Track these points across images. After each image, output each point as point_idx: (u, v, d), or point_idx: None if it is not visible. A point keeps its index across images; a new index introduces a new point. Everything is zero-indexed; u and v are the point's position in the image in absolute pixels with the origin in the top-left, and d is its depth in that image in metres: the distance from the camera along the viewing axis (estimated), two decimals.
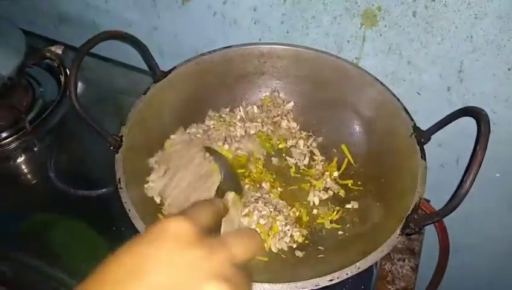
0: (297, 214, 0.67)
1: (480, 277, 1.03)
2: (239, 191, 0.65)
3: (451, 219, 0.59)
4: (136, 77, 0.95)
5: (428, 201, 0.79)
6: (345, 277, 0.48)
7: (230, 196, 0.62)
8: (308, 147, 0.75)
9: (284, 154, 0.75)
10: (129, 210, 0.53)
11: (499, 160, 0.74)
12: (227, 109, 0.78)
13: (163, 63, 0.72)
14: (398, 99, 0.65)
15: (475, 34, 0.64)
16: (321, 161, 0.74)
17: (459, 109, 0.57)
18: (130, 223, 0.54)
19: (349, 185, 0.71)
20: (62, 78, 0.92)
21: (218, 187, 0.63)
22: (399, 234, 0.52)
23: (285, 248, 0.63)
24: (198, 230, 0.29)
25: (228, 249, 0.29)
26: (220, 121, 0.75)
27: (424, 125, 0.63)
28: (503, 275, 0.99)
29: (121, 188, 0.55)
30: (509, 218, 0.86)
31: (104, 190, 0.75)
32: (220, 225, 0.34)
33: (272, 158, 0.75)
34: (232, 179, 0.65)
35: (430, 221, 0.51)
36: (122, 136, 0.61)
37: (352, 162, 0.72)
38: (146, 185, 0.64)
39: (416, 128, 0.61)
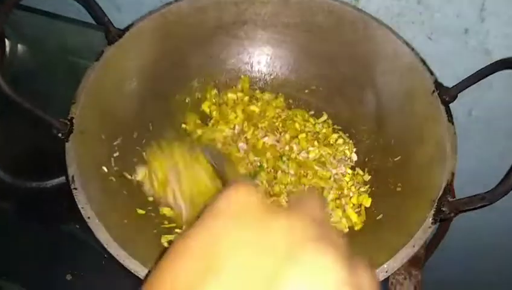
0: None
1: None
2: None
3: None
4: (93, 36, 0.78)
5: None
6: None
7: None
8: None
9: None
10: (88, 218, 0.41)
11: None
12: None
13: (121, 19, 0.59)
14: (412, 49, 0.54)
15: None
16: None
17: (496, 61, 0.46)
18: None
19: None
20: None
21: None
22: (431, 223, 0.42)
23: None
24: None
25: (304, 210, 0.24)
26: None
27: None
28: None
29: (75, 188, 0.43)
30: None
31: (59, 179, 0.63)
32: None
33: None
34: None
35: (472, 206, 0.40)
36: (72, 118, 0.47)
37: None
38: None
39: (439, 84, 0.50)
